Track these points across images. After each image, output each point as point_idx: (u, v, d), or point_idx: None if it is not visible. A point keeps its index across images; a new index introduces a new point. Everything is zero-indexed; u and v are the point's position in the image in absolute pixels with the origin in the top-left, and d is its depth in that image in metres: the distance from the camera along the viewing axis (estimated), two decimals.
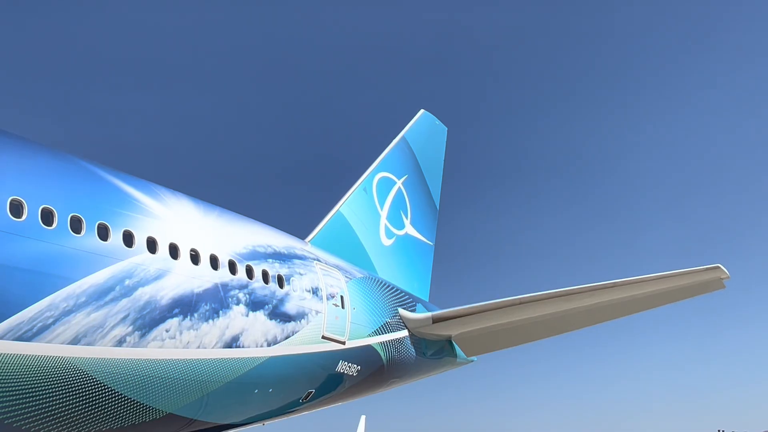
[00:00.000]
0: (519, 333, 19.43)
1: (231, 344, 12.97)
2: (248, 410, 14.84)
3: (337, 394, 16.96)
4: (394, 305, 18.95)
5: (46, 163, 11.43)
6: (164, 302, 11.76)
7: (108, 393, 11.23)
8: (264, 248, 14.85)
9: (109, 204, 11.70)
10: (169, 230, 12.49)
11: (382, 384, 18.74)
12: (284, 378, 14.64)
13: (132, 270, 11.37)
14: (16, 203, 10.05)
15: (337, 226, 20.50)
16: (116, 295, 10.99)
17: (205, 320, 12.48)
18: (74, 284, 10.42)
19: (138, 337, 11.28)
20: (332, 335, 15.68)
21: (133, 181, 12.84)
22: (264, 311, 13.84)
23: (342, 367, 16.17)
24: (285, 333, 14.29)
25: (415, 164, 25.52)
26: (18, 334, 9.67)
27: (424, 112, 26.84)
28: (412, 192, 24.98)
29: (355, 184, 22.14)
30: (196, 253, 12.77)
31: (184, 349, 12.09)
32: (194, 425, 13.61)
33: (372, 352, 17.22)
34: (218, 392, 13.17)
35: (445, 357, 20.53)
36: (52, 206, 10.52)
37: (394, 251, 22.84)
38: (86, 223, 10.92)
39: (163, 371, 11.88)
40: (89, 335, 10.57)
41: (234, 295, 13.22)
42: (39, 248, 10.14)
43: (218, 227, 14.12)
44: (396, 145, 24.58)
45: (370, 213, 22.29)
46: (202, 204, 14.33)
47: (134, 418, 12.02)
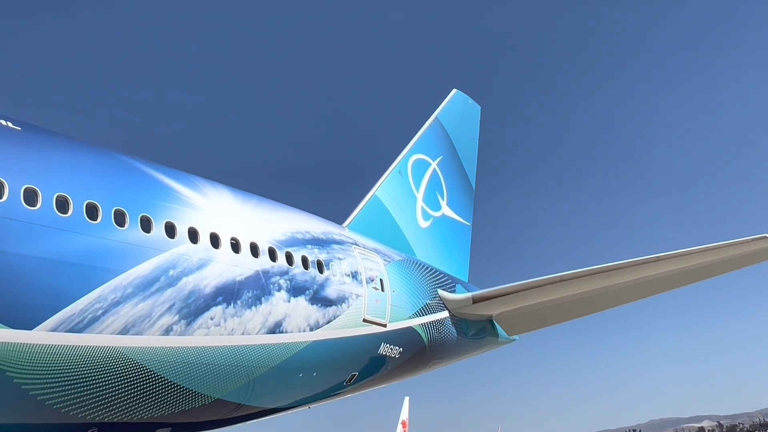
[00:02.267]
0: (561, 311, 19.27)
1: (274, 330, 13.19)
2: (294, 394, 15.10)
3: (380, 376, 17.12)
4: (433, 287, 18.96)
5: (88, 160, 11.74)
6: (208, 291, 12.02)
7: (157, 380, 11.57)
8: (302, 234, 15.00)
9: (151, 197, 11.97)
10: (209, 220, 12.72)
11: (424, 365, 18.83)
12: (328, 361, 14.83)
13: (175, 260, 11.63)
14: (61, 200, 10.36)
15: (374, 210, 20.53)
16: (161, 285, 11.28)
17: (248, 307, 12.71)
18: (121, 276, 10.73)
19: (184, 325, 11.57)
20: (373, 318, 15.80)
21: (173, 173, 13.09)
22: (305, 296, 14.02)
23: (384, 349, 16.30)
24: (326, 317, 14.45)
25: (450, 145, 25.34)
26: (70, 326, 10.03)
27: (457, 92, 26.56)
28: (448, 173, 24.82)
29: (390, 167, 22.08)
30: (236, 242, 12.99)
31: (229, 335, 12.36)
32: (242, 410, 13.93)
33: (413, 334, 17.29)
34: (264, 377, 13.44)
35: (486, 337, 20.50)
36: (97, 201, 10.82)
37: (431, 233, 22.79)
38: (129, 216, 11.20)
39: (209, 358, 12.17)
40: (137, 325, 10.89)
41: (275, 281, 13.42)
42: (85, 242, 10.46)
43: (257, 215, 14.31)
44: (429, 126, 24.41)
45: (406, 195, 22.26)
46: (240, 193, 14.53)
47: (184, 404, 12.36)
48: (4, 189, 9.68)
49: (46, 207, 10.12)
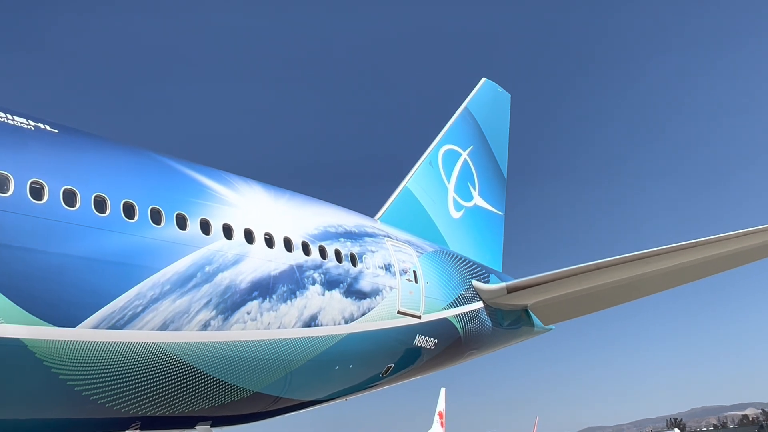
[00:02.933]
0: (597, 299, 19.03)
1: (310, 323, 13.31)
2: (330, 386, 15.23)
3: (416, 368, 17.15)
4: (467, 277, 18.90)
5: (124, 160, 11.98)
6: (243, 286, 12.18)
7: (197, 375, 11.78)
8: (335, 228, 15.08)
9: (185, 194, 12.17)
10: (243, 216, 12.87)
11: (460, 356, 18.79)
12: (363, 354, 14.92)
13: (211, 256, 11.81)
14: (99, 199, 10.59)
15: (405, 202, 20.52)
16: (198, 281, 11.47)
17: (284, 301, 12.84)
18: (158, 273, 10.94)
19: (221, 320, 11.75)
20: (407, 310, 15.82)
21: (206, 171, 13.27)
22: (339, 290, 14.11)
23: (419, 340, 16.31)
24: (361, 310, 14.53)
25: (480, 134, 25.15)
26: (111, 323, 10.27)
27: (486, 81, 26.33)
28: (479, 162, 24.65)
29: (421, 158, 22.02)
30: (270, 237, 13.12)
31: (266, 330, 12.51)
32: (280, 402, 14.11)
33: (448, 325, 17.27)
34: (301, 370, 13.57)
35: (521, 327, 20.36)
36: (133, 200, 11.04)
37: (463, 223, 22.69)
38: (165, 214, 11.41)
39: (246, 352, 12.34)
40: (176, 321, 11.10)
41: (309, 275, 13.53)
42: (124, 241, 10.69)
43: (289, 210, 14.43)
44: (459, 116, 24.26)
45: (437, 186, 22.19)
46: (272, 189, 14.66)
47: (223, 397, 12.57)
48: (44, 191, 9.93)
49: (85, 207, 10.36)
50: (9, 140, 10.19)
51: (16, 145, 10.22)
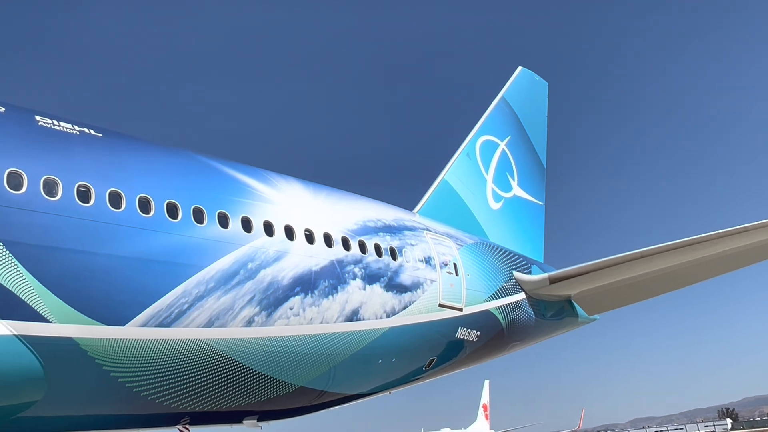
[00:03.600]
0: (642, 288, 18.67)
1: (352, 317, 13.38)
2: (374, 380, 15.30)
3: (458, 360, 17.10)
4: (508, 269, 18.74)
5: (166, 161, 12.23)
6: (285, 282, 12.32)
7: (243, 370, 11.98)
8: (374, 222, 15.11)
9: (226, 193, 12.36)
10: (283, 213, 13.00)
11: (503, 348, 18.67)
12: (406, 347, 14.93)
13: (253, 254, 11.97)
14: (144, 201, 10.84)
15: (444, 195, 20.44)
16: (241, 278, 11.64)
17: (325, 296, 12.94)
18: (203, 271, 11.15)
19: (265, 316, 11.91)
20: (449, 303, 15.77)
21: (246, 169, 13.44)
22: (380, 284, 14.15)
23: (461, 333, 16.26)
24: (402, 303, 14.54)
25: (517, 124, 24.87)
26: (159, 321, 10.51)
27: (523, 69, 26.00)
28: (517, 152, 24.39)
29: (458, 150, 21.89)
30: (310, 233, 13.23)
31: (309, 325, 12.64)
32: (325, 396, 14.24)
33: (490, 317, 17.17)
34: (344, 364, 13.67)
35: (565, 317, 20.11)
36: (176, 200, 11.26)
37: (503, 214, 22.50)
38: (207, 213, 11.61)
39: (290, 347, 12.48)
40: (221, 317, 11.30)
41: (350, 270, 13.60)
42: (168, 240, 10.93)
43: (329, 206, 14.52)
44: (496, 107, 24.02)
45: (476, 178, 22.03)
46: (311, 185, 14.77)
47: (269, 392, 12.75)
48: (90, 194, 10.20)
49: (130, 208, 10.61)
50: (56, 146, 10.50)
51: (63, 151, 10.52)
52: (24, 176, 9.62)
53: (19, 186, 9.52)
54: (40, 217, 9.59)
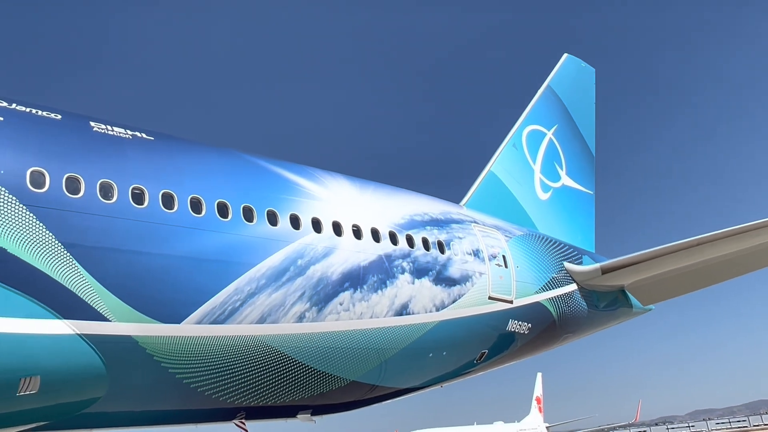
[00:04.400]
0: (699, 276, 18.13)
1: (401, 312, 13.42)
2: (425, 374, 15.31)
3: (510, 353, 16.96)
4: (558, 260, 18.48)
5: (215, 162, 12.50)
6: (335, 277, 12.43)
7: (295, 365, 12.15)
8: (421, 216, 15.10)
9: (275, 191, 12.54)
10: (330, 209, 13.12)
11: (555, 340, 18.43)
12: (456, 340, 14.90)
13: (302, 250, 12.12)
14: (195, 201, 11.09)
15: (491, 186, 20.26)
16: (291, 275, 11.81)
17: (374, 291, 13.00)
18: (254, 269, 11.35)
19: (315, 312, 12.06)
20: (499, 295, 15.66)
21: (293, 167, 13.61)
22: (429, 277, 14.14)
23: (512, 325, 16.12)
24: (452, 297, 14.50)
25: (564, 112, 24.43)
26: (213, 318, 10.76)
27: (568, 56, 25.50)
28: (565, 141, 23.97)
29: (504, 141, 21.66)
30: (357, 229, 13.31)
31: (359, 320, 12.72)
32: (376, 390, 14.32)
33: (541, 309, 16.97)
34: (395, 358, 13.72)
35: (619, 308, 19.72)
36: (226, 200, 11.49)
37: (552, 205, 22.17)
38: (257, 211, 11.81)
39: (341, 342, 12.60)
40: (273, 314, 11.48)
41: (398, 264, 13.63)
42: (219, 239, 11.16)
43: (375, 201, 14.57)
44: (542, 95, 23.65)
45: (523, 169, 21.77)
46: (357, 181, 14.84)
47: (321, 387, 12.91)
48: (144, 196, 10.50)
49: (182, 209, 10.88)
50: (110, 150, 10.83)
51: (117, 155, 10.84)
52: (81, 181, 9.95)
53: (77, 190, 9.85)
54: (97, 219, 9.91)
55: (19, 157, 9.62)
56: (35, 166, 9.60)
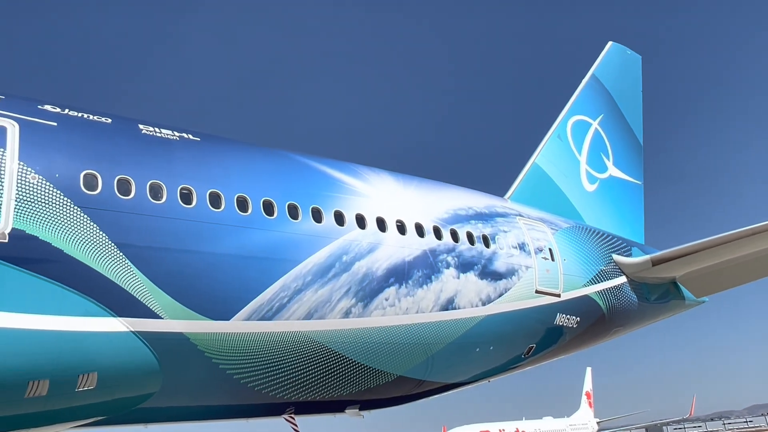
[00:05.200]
0: (754, 267, 17.59)
1: (447, 306, 13.39)
2: (472, 368, 15.25)
3: (558, 347, 16.76)
4: (607, 252, 18.16)
5: (260, 161, 12.69)
6: (380, 273, 12.48)
7: (343, 361, 12.26)
8: (465, 211, 15.03)
9: (319, 189, 12.65)
10: (374, 206, 13.16)
11: (605, 333, 18.13)
12: (503, 335, 14.79)
13: (347, 246, 12.20)
14: (241, 200, 11.28)
15: (535, 179, 20.02)
16: (337, 271, 11.91)
17: (420, 286, 13.01)
18: (300, 265, 11.48)
19: (361, 307, 12.13)
20: (546, 289, 15.48)
21: (336, 164, 13.70)
22: (474, 272, 14.07)
23: (560, 319, 15.92)
24: (498, 291, 14.40)
25: (610, 101, 23.94)
26: (261, 314, 10.94)
27: (613, 44, 24.96)
28: (611, 131, 23.49)
29: (548, 132, 21.35)
30: (401, 224, 13.33)
31: (404, 315, 12.75)
32: (424, 385, 14.33)
33: (590, 302, 16.71)
34: (442, 353, 13.71)
35: (671, 300, 19.26)
36: (272, 198, 11.65)
37: (599, 196, 21.78)
38: (301, 209, 11.94)
39: (388, 337, 12.65)
40: (320, 310, 11.60)
41: (443, 259, 13.60)
42: (266, 237, 11.33)
43: (419, 196, 14.56)
44: (586, 85, 23.22)
45: (568, 160, 21.43)
46: (400, 176, 14.86)
47: (368, 382, 12.98)
48: (192, 196, 10.73)
49: (229, 208, 11.08)
50: (159, 152, 11.10)
51: (165, 156, 11.11)
52: (132, 182, 10.23)
53: (128, 192, 10.14)
54: (147, 219, 10.18)
55: (73, 161, 9.93)
56: (88, 169, 9.91)
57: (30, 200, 9.21)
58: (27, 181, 9.28)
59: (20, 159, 9.34)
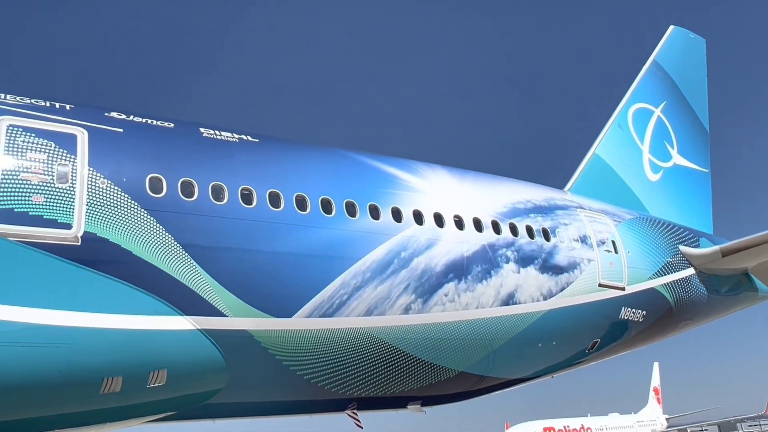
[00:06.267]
0: None
1: (508, 301, 13.25)
2: (535, 364, 15.04)
3: (624, 342, 16.35)
4: (673, 243, 17.60)
5: (317, 160, 12.85)
6: (438, 269, 12.44)
7: (404, 357, 12.29)
8: (524, 204, 14.82)
9: (375, 186, 12.70)
10: (431, 201, 13.13)
11: (673, 327, 17.58)
12: (566, 330, 14.54)
13: (405, 243, 12.21)
14: (300, 199, 11.45)
15: (596, 170, 19.56)
16: (395, 267, 11.93)
17: (479, 281, 12.91)
18: (358, 263, 11.56)
19: (421, 303, 12.13)
20: (609, 282, 15.13)
21: (392, 161, 13.73)
22: (534, 266, 13.86)
23: (625, 313, 15.52)
24: (559, 285, 14.16)
25: (673, 87, 23.15)
26: (322, 312, 11.08)
27: (675, 28, 24.10)
28: (674, 118, 22.71)
29: (608, 122, 20.82)
30: (459, 219, 13.25)
31: (464, 310, 12.68)
32: (486, 381, 14.22)
33: (656, 295, 16.23)
34: (503, 349, 13.57)
35: (743, 292, 18.51)
36: (329, 196, 11.77)
37: (663, 186, 21.10)
38: (359, 206, 12.02)
39: (448, 333, 12.61)
40: (379, 306, 11.66)
41: (502, 253, 13.46)
42: (324, 235, 11.46)
43: (476, 191, 14.44)
44: (648, 71, 22.52)
45: (630, 149, 20.84)
46: (456, 171, 14.77)
47: (430, 378, 12.98)
48: (252, 196, 10.96)
49: (288, 207, 11.26)
50: (220, 154, 11.39)
51: (226, 158, 11.38)
52: (194, 184, 10.52)
53: (191, 193, 10.44)
54: (210, 220, 10.45)
55: (139, 165, 10.30)
56: (153, 173, 10.25)
57: (100, 204, 9.59)
58: (97, 186, 9.67)
59: (90, 165, 9.74)
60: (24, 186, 9.18)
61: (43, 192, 9.26)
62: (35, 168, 9.38)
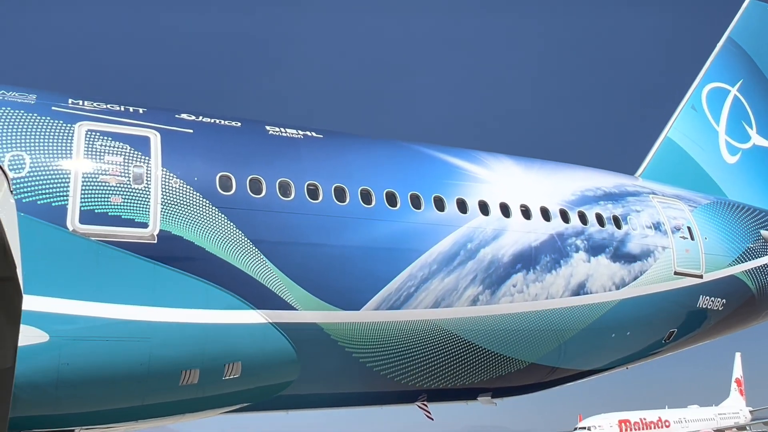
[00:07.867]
0: None
1: (578, 291, 12.98)
2: (608, 355, 14.69)
3: (702, 332, 15.75)
4: (754, 228, 16.81)
5: (380, 153, 12.93)
6: (506, 259, 12.31)
7: (472, 348, 12.23)
8: (593, 191, 14.46)
9: (440, 177, 12.67)
10: (497, 191, 12.99)
11: (756, 316, 16.83)
12: (640, 319, 14.12)
13: (471, 234, 12.14)
14: (365, 192, 11.55)
15: (669, 154, 18.86)
16: (462, 259, 11.88)
17: (548, 271, 12.69)
18: (425, 255, 11.58)
19: (489, 294, 12.03)
20: (685, 270, 14.59)
21: (456, 152, 13.66)
22: (605, 255, 13.52)
23: (703, 302, 14.94)
24: (632, 274, 13.76)
25: (750, 64, 21.99)
26: (390, 304, 11.16)
27: (752, 1, 22.86)
28: (753, 97, 21.58)
29: (680, 104, 20.01)
30: (526, 209, 13.05)
31: (534, 301, 12.50)
32: (557, 373, 13.98)
33: (736, 283, 15.56)
34: (574, 339, 13.31)
35: None
36: (394, 189, 11.83)
37: (741, 168, 20.13)
38: (424, 198, 12.02)
39: (517, 324, 12.46)
40: (447, 298, 11.65)
41: (571, 242, 13.18)
42: (390, 228, 11.54)
43: (542, 179, 14.18)
44: (722, 49, 21.48)
45: (705, 131, 19.97)
46: (522, 160, 14.54)
47: (500, 369, 12.87)
48: (318, 191, 11.13)
49: (354, 201, 11.39)
50: (286, 151, 11.62)
51: (292, 155, 11.61)
52: (262, 181, 10.78)
53: (259, 190, 10.71)
54: (278, 216, 10.70)
55: (209, 165, 10.64)
56: (223, 171, 10.56)
57: (174, 203, 9.96)
58: (170, 185, 10.04)
59: (163, 165, 10.13)
60: (103, 188, 9.64)
61: (120, 193, 9.69)
62: (113, 170, 9.83)
